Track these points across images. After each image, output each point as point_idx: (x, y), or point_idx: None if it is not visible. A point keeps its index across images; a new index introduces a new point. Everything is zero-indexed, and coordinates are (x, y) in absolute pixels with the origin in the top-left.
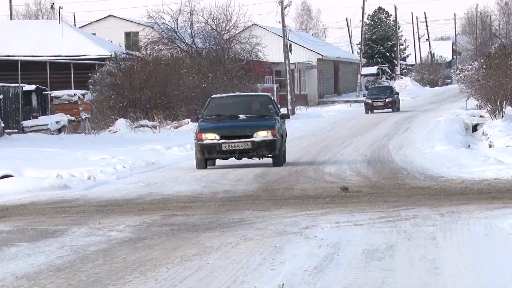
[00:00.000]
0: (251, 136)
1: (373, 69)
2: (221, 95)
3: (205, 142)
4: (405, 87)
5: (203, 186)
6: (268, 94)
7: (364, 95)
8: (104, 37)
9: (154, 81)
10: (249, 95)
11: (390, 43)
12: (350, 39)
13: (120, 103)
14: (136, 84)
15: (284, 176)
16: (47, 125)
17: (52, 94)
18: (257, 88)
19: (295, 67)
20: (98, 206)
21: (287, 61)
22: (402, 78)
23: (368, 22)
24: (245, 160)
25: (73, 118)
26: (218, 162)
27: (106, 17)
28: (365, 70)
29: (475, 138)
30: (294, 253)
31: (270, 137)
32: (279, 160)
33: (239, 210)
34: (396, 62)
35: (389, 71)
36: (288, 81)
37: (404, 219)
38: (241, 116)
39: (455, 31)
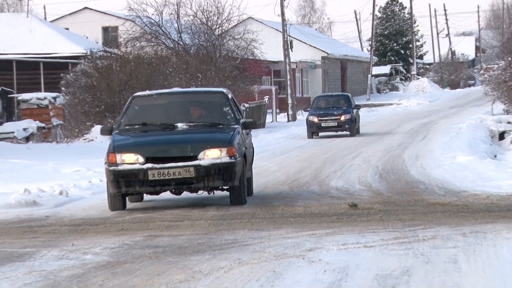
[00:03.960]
0: (195, 158)
1: (386, 69)
2: (149, 92)
3: (121, 168)
4: (422, 89)
5: (191, 201)
6: (224, 90)
7: (311, 109)
8: (79, 33)
9: (136, 82)
10: (194, 92)
11: (404, 39)
12: (359, 35)
13: (97, 108)
14: (115, 86)
15: (284, 191)
16: (13, 132)
17: (19, 97)
18: (253, 90)
19: (296, 66)
20: (71, 226)
21: (287, 60)
22: (418, 78)
23: (379, 15)
24: None
25: (43, 124)
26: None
27: (81, 9)
28: (376, 70)
29: (502, 148)
30: (296, 279)
31: (226, 159)
32: (240, 194)
33: (233, 230)
34: (411, 61)
35: (404, 70)
36: (288, 83)
37: (421, 240)
38: (180, 126)
39: (479, 25)
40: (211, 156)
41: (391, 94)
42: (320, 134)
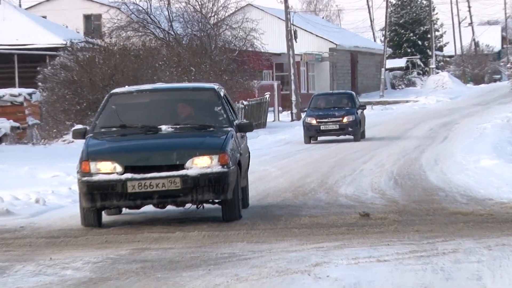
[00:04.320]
0: (182, 167)
1: (401, 62)
2: (129, 88)
3: (95, 178)
4: (442, 85)
5: (182, 210)
6: (215, 86)
7: (308, 109)
8: (58, 21)
9: (121, 77)
10: (180, 89)
11: (422, 28)
12: (371, 24)
13: (78, 105)
14: (98, 81)
15: (288, 198)
16: None
17: None
18: (252, 86)
19: (301, 59)
20: (49, 238)
21: (290, 52)
22: (438, 73)
23: (394, 2)
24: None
25: (17, 124)
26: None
27: None
28: (390, 63)
29: None
30: None
31: (217, 168)
32: (234, 208)
33: (230, 242)
34: (430, 53)
35: (422, 64)
36: (292, 77)
37: (441, 254)
38: (165, 129)
39: (505, 13)
40: (200, 164)
41: (407, 90)
42: (319, 138)
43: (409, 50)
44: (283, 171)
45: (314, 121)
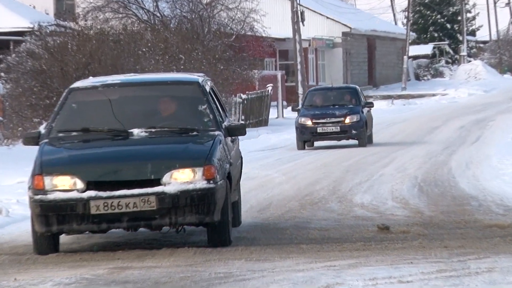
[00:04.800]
0: (158, 182)
1: (427, 49)
2: (93, 82)
3: (51, 197)
4: (475, 75)
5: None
6: (199, 79)
7: (302, 107)
8: (24, 1)
9: (98, 66)
10: (157, 82)
11: (451, 9)
12: (392, 4)
13: (47, 99)
14: (71, 71)
15: (294, 209)
16: None
17: None
18: (252, 76)
19: (309, 45)
20: (13, 254)
21: (297, 37)
22: (470, 61)
23: None
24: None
25: None
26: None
27: None
28: (414, 50)
29: None
30: None
31: (202, 184)
32: (223, 232)
33: (226, 260)
34: (460, 38)
35: (451, 51)
36: (298, 67)
37: (473, 274)
38: (137, 133)
39: None
40: (181, 179)
41: (434, 82)
42: (316, 143)
43: (436, 35)
44: (288, 176)
45: (309, 122)
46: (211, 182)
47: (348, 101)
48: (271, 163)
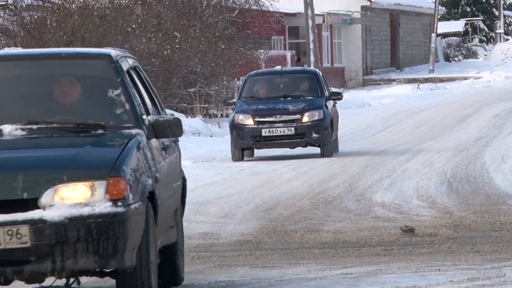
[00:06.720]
0: (33, 204)
1: (458, 25)
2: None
3: None
4: None
5: None
6: (111, 52)
7: (239, 100)
8: None
9: (81, 45)
10: (48, 56)
11: None
12: None
13: None
14: None
15: (305, 208)
16: None
17: None
18: (258, 57)
19: (323, 21)
20: None
21: (309, 12)
22: (507, 40)
23: None
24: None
25: None
26: None
27: None
28: (444, 27)
29: None
30: None
31: (104, 207)
32: (136, 286)
33: (228, 266)
34: (497, 13)
35: (486, 28)
36: (311, 46)
37: (509, 283)
38: (9, 132)
39: None
40: (71, 199)
41: (466, 63)
42: (260, 151)
43: (468, 10)
44: (298, 171)
45: (250, 121)
46: (120, 204)
47: (305, 91)
48: (279, 157)
